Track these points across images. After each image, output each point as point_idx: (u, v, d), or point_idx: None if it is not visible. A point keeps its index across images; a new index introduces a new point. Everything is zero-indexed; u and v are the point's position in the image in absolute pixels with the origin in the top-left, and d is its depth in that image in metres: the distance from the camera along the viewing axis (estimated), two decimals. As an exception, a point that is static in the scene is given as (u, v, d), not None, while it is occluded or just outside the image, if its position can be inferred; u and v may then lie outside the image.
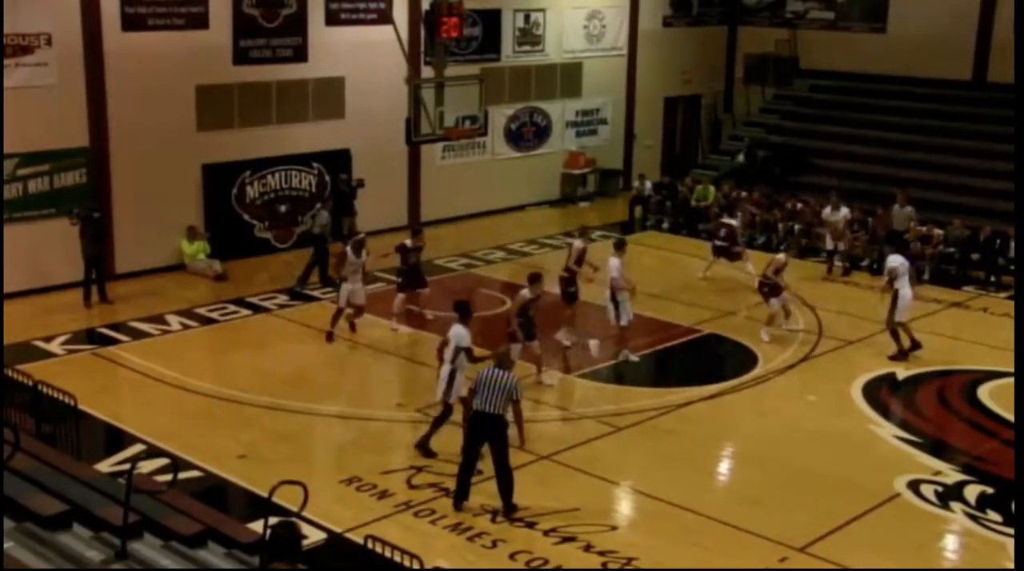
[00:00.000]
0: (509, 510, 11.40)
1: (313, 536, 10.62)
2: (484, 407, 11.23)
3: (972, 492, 12.27)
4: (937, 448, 13.60)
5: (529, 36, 25.56)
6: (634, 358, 16.16)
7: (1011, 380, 15.25)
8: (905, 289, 16.31)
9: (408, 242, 17.50)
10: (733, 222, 20.75)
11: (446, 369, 12.63)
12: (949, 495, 12.20)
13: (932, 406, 14.99)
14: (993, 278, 20.59)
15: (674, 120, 29.92)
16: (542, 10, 25.60)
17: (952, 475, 12.70)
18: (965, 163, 24.24)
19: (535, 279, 14.81)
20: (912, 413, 14.61)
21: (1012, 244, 20.57)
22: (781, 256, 18.03)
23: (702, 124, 30.40)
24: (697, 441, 13.61)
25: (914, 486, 12.37)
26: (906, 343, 16.39)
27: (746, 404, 14.97)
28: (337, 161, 22.08)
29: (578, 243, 17.01)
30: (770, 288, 17.31)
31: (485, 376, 11.32)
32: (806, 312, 18.56)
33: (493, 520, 11.30)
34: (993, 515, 11.77)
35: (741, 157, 26.70)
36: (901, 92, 26.75)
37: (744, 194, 23.99)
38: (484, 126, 20.78)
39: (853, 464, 12.93)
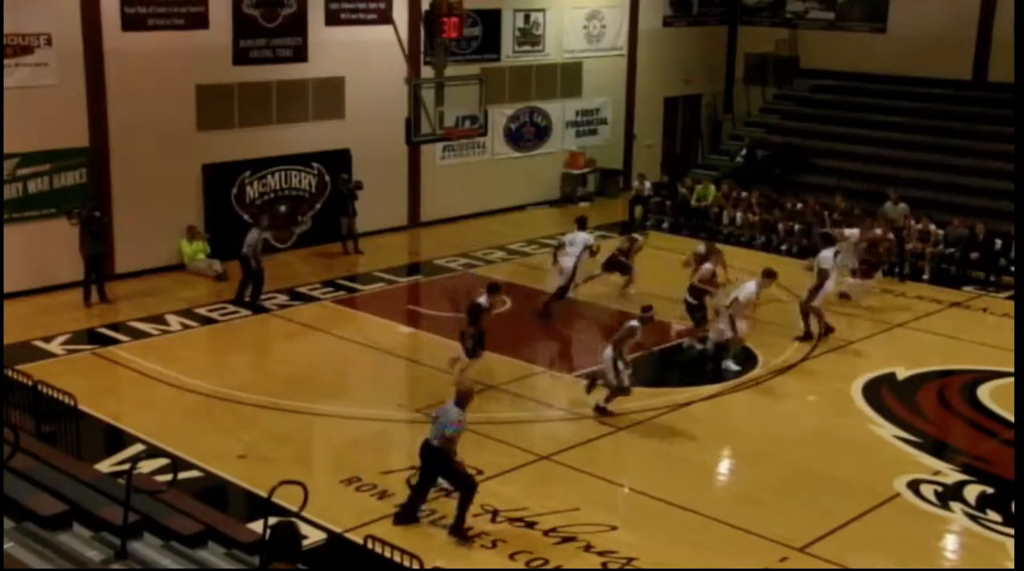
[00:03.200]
0: (456, 530, 10.98)
1: (313, 536, 10.62)
2: (429, 436, 11.13)
3: (972, 492, 12.26)
4: (937, 448, 13.60)
5: (529, 36, 25.56)
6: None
7: (1011, 380, 15.26)
8: (830, 280, 17.32)
9: (483, 301, 14.86)
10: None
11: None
12: (949, 495, 12.20)
13: (932, 406, 14.97)
14: (993, 278, 20.59)
15: (674, 120, 29.91)
16: (542, 10, 25.59)
17: (952, 475, 12.70)
18: (966, 163, 24.22)
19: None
20: (912, 413, 14.59)
21: (1013, 244, 20.56)
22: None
23: (702, 124, 30.39)
24: (697, 441, 13.61)
25: (914, 486, 12.37)
26: (816, 328, 17.19)
27: (746, 404, 14.98)
28: (337, 161, 22.08)
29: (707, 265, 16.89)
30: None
31: (440, 409, 11.29)
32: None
33: (493, 520, 11.30)
34: (993, 515, 11.77)
35: (740, 157, 26.67)
36: (901, 92, 26.72)
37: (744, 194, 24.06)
38: (484, 126, 20.77)
39: (853, 464, 12.92)
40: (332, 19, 21.67)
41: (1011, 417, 14.17)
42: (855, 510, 11.72)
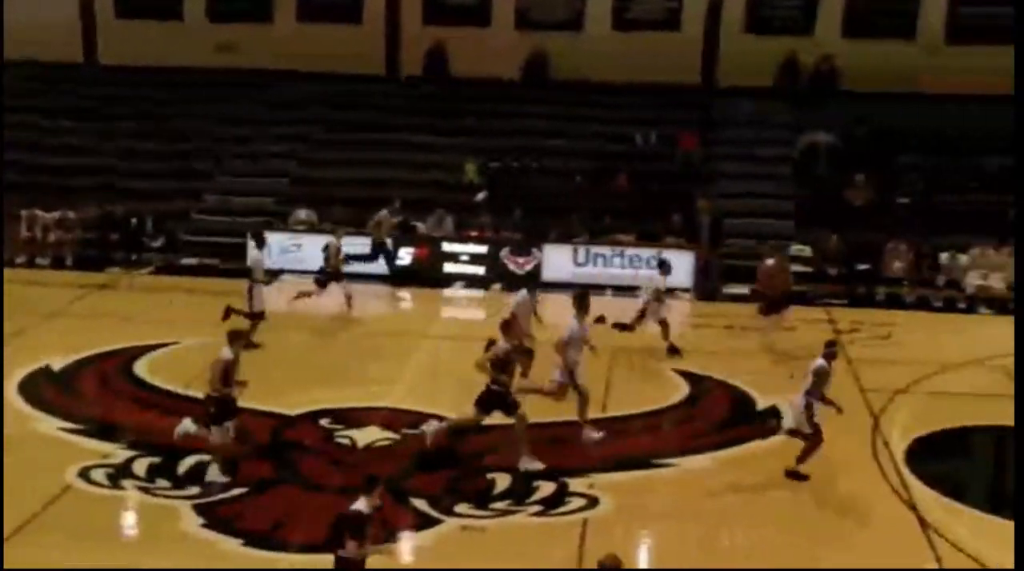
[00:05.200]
0: None
1: None
2: None
3: (141, 466, 12.61)
4: (104, 431, 13.66)
5: None
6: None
7: (164, 351, 16.05)
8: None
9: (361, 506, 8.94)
10: None
11: None
12: (120, 474, 12.42)
13: (94, 390, 15.12)
14: (135, 257, 21.50)
15: None
16: None
17: (121, 454, 12.91)
18: (77, 142, 24.62)
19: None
20: (74, 401, 14.60)
21: (149, 223, 21.64)
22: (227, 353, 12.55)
23: None
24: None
25: (84, 474, 12.38)
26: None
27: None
28: None
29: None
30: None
31: None
32: None
33: None
34: (162, 482, 12.24)
35: None
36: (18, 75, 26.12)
37: None
38: None
39: (20, 466, 12.36)
40: None
41: (166, 385, 14.92)
42: (32, 509, 11.35)
